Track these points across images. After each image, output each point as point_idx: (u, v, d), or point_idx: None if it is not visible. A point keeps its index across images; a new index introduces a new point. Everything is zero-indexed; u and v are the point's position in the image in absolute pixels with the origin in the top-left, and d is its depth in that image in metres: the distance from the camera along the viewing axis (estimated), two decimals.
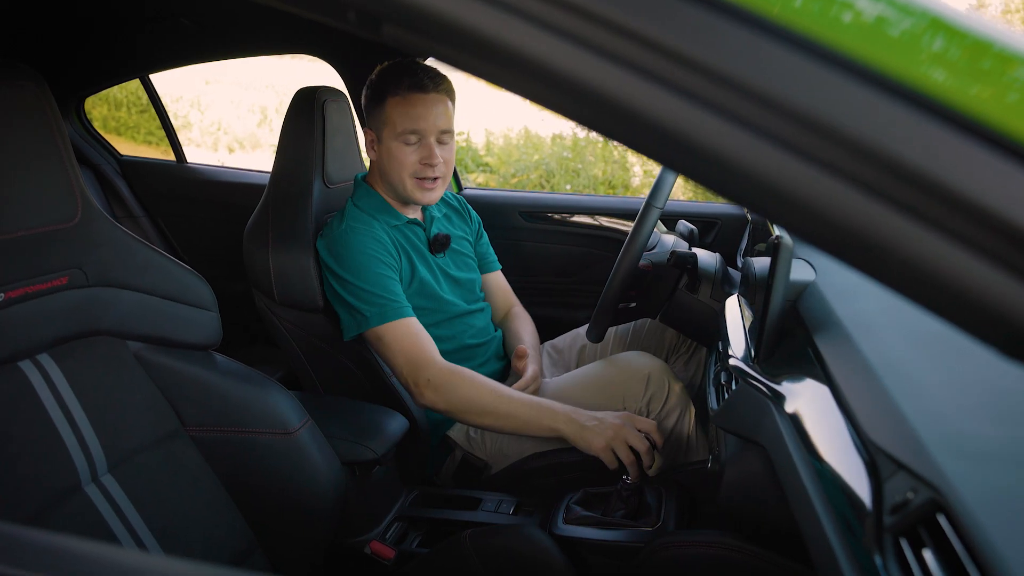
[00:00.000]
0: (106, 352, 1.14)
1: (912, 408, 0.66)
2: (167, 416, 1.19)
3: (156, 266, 1.19)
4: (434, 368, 1.50)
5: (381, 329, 1.52)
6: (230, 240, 2.46)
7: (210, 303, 1.26)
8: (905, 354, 0.77)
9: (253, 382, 1.26)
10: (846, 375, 0.78)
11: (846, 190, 0.41)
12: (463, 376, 1.51)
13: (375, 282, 1.53)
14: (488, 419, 1.49)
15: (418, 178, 1.60)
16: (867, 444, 0.69)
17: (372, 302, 1.52)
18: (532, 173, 6.83)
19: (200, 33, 2.04)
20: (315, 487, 1.26)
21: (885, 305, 0.92)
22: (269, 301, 1.62)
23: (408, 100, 1.56)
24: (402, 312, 1.54)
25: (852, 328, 0.86)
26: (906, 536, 0.58)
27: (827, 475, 0.74)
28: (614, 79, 0.42)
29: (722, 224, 2.18)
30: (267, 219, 1.62)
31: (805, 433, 0.82)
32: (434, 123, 1.57)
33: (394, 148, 1.59)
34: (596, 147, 7.17)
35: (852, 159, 0.40)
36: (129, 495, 1.10)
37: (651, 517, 1.34)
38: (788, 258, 1.00)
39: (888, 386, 0.71)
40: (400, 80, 1.57)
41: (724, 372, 1.20)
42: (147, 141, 7.28)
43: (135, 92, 7.47)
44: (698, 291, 1.60)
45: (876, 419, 0.68)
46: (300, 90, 1.67)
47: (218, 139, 8.14)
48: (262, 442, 1.22)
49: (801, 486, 0.76)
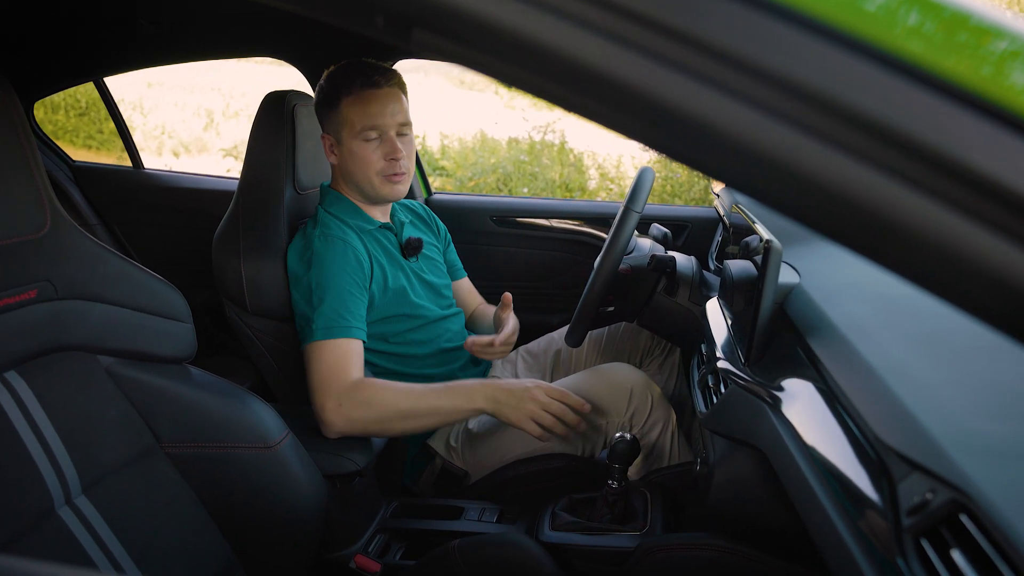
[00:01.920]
0: (77, 368, 1.10)
1: (920, 408, 0.67)
2: (142, 433, 1.15)
3: (128, 277, 1.15)
4: (343, 390, 1.41)
5: (319, 344, 1.45)
6: (191, 248, 2.40)
7: (184, 314, 1.22)
8: (904, 355, 0.78)
9: (231, 395, 1.22)
10: (847, 376, 0.79)
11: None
12: (373, 388, 1.43)
13: (336, 296, 1.48)
14: (412, 422, 1.44)
15: (385, 175, 1.58)
16: (875, 445, 0.69)
17: (324, 315, 1.46)
18: (489, 177, 6.82)
19: (160, 35, 1.98)
20: (297, 501, 1.23)
21: (876, 307, 0.94)
22: (241, 311, 1.58)
23: (363, 98, 1.55)
24: (348, 333, 1.46)
25: (846, 330, 0.87)
26: (927, 537, 0.58)
27: (834, 477, 0.75)
28: (690, 93, 0.41)
29: (692, 227, 2.20)
30: (237, 227, 1.58)
31: (806, 435, 0.82)
32: (392, 117, 1.56)
33: (356, 148, 1.57)
34: (552, 151, 7.21)
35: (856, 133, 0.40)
36: (105, 517, 1.06)
37: (638, 521, 1.34)
38: (778, 261, 1.01)
39: (892, 386, 0.72)
40: (352, 80, 1.56)
41: (711, 375, 1.21)
42: (87, 145, 7.10)
43: (72, 95, 7.26)
44: (676, 294, 1.61)
45: (885, 420, 0.69)
46: (269, 94, 1.63)
47: (162, 143, 7.99)
48: (242, 457, 1.19)
49: (808, 489, 0.77)
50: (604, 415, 1.54)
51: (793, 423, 0.86)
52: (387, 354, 1.66)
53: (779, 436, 0.88)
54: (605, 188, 6.96)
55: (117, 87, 2.51)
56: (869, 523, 0.67)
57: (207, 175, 2.62)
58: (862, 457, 0.72)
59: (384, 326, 1.63)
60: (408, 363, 1.68)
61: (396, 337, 1.66)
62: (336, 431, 1.40)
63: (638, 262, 1.63)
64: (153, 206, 2.51)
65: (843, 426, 0.78)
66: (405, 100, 1.62)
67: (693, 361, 1.42)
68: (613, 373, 1.59)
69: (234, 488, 1.19)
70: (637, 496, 1.41)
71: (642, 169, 1.58)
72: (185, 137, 8.22)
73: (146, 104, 8.60)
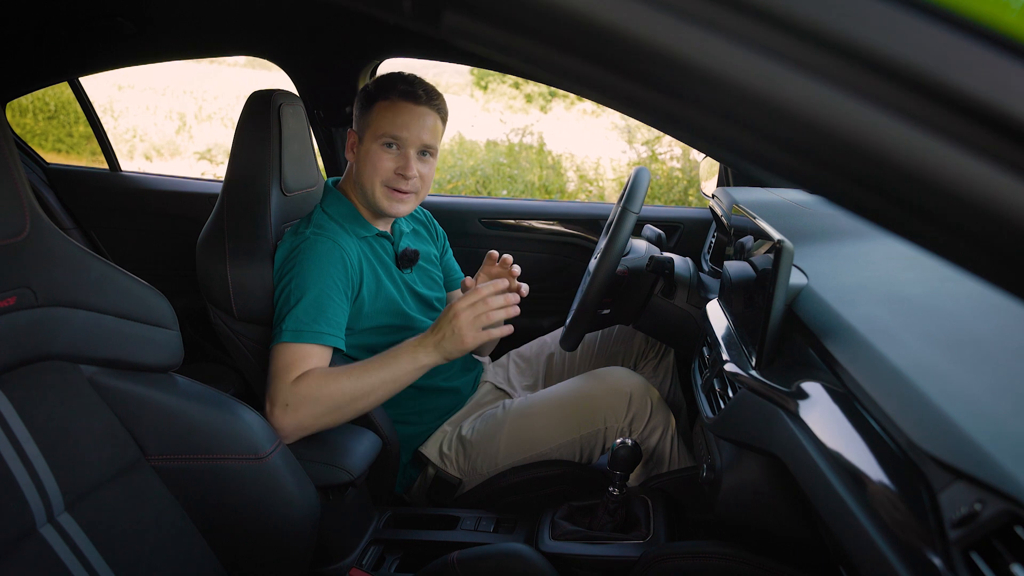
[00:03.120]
0: (58, 378, 1.04)
1: (959, 413, 0.64)
2: (127, 446, 1.10)
3: (112, 282, 1.10)
4: (287, 387, 1.35)
5: (283, 347, 1.39)
6: (170, 252, 2.34)
7: (170, 321, 1.16)
8: (933, 358, 0.76)
9: (219, 404, 1.18)
10: (872, 380, 0.76)
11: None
12: (314, 379, 1.36)
13: (314, 298, 1.42)
14: (363, 402, 1.38)
15: (389, 187, 1.53)
16: (910, 451, 0.67)
17: (296, 316, 1.41)
18: (468, 179, 6.81)
19: (141, 34, 1.91)
20: (289, 514, 1.19)
21: (895, 309, 0.92)
22: (227, 317, 1.53)
23: (396, 106, 1.50)
24: (319, 339, 1.40)
25: (867, 332, 0.84)
26: (977, 550, 0.55)
27: (863, 485, 0.72)
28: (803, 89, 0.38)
29: (684, 228, 2.18)
30: (223, 231, 1.53)
31: (829, 441, 0.80)
32: (417, 135, 1.51)
33: (372, 151, 1.52)
34: (531, 153, 7.21)
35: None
36: (89, 534, 1.01)
37: (641, 529, 1.31)
38: (789, 262, 0.98)
39: (925, 391, 0.69)
40: (394, 85, 1.51)
41: (717, 379, 1.18)
42: (56, 149, 6.99)
43: (41, 97, 7.15)
44: (674, 296, 1.58)
45: (920, 425, 0.66)
46: (254, 93, 1.58)
47: (134, 146, 7.91)
48: (231, 468, 1.14)
49: (836, 497, 0.74)
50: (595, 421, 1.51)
51: (813, 428, 0.83)
52: None
53: (798, 442, 0.85)
54: (584, 190, 6.99)
55: (86, 90, 2.44)
56: (907, 533, 0.64)
57: (186, 177, 2.56)
58: (894, 464, 0.69)
59: (372, 337, 1.58)
60: None
61: (385, 348, 1.61)
62: (288, 436, 1.34)
63: (635, 264, 1.60)
64: (130, 209, 2.44)
65: (869, 432, 0.75)
66: (440, 125, 1.57)
67: (694, 364, 1.39)
68: (611, 377, 1.56)
69: (224, 501, 1.14)
70: (638, 503, 1.38)
71: (637, 169, 1.56)
72: (157, 141, 8.15)
73: (116, 107, 8.50)
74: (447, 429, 1.66)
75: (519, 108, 8.23)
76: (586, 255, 2.23)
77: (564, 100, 8.40)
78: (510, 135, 7.17)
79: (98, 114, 2.47)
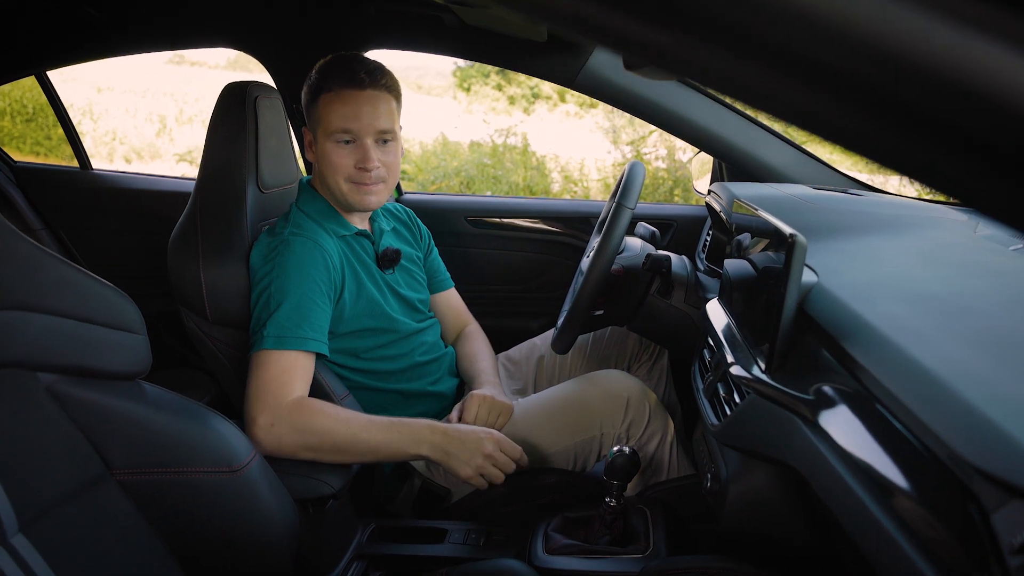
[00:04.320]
0: (12, 388, 0.96)
1: (1011, 423, 0.58)
2: (89, 460, 1.02)
3: (72, 284, 1.02)
4: (279, 408, 1.28)
5: (266, 354, 1.31)
6: (144, 253, 2.26)
7: (136, 324, 1.09)
8: (973, 361, 0.69)
9: (190, 414, 1.10)
10: (905, 386, 0.70)
11: None
12: (311, 412, 1.29)
13: (295, 302, 1.35)
14: (346, 457, 1.31)
15: (353, 182, 1.46)
16: (953, 465, 0.60)
17: (278, 322, 1.33)
18: (452, 180, 6.78)
19: (109, 24, 1.82)
20: (266, 530, 1.12)
21: (919, 307, 0.85)
22: (201, 320, 1.45)
23: (340, 97, 1.42)
24: (302, 344, 1.33)
25: (892, 333, 0.78)
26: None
27: (896, 500, 0.65)
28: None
29: (678, 225, 2.12)
30: (196, 230, 1.45)
31: (855, 452, 0.73)
32: (370, 122, 1.42)
33: (328, 150, 1.45)
34: (515, 154, 7.19)
35: None
36: (46, 557, 0.92)
37: (639, 542, 1.24)
38: (802, 258, 0.92)
39: (969, 398, 0.62)
40: (333, 75, 1.43)
41: (721, 383, 1.11)
42: (34, 152, 6.89)
43: (19, 100, 7.04)
44: (671, 296, 1.51)
45: (968, 437, 0.60)
46: (229, 85, 1.50)
47: (113, 149, 7.83)
48: (204, 482, 1.07)
49: (865, 512, 0.67)
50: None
51: (835, 437, 0.77)
52: (358, 370, 1.54)
53: (818, 452, 0.79)
54: (569, 191, 6.98)
55: (65, 92, 2.35)
56: (951, 554, 0.58)
57: (160, 175, 2.47)
58: (933, 478, 0.63)
59: (355, 340, 1.51)
60: (381, 378, 1.56)
61: (368, 353, 1.54)
62: (263, 451, 1.25)
63: (631, 262, 1.54)
64: (102, 209, 2.35)
65: (901, 442, 0.69)
66: (394, 105, 1.47)
67: (694, 368, 1.32)
68: (607, 381, 1.49)
69: (195, 518, 1.07)
70: (636, 514, 1.31)
71: (632, 163, 1.50)
72: (137, 143, 8.11)
73: (96, 109, 8.42)
74: None
75: (502, 110, 8.23)
76: (576, 254, 2.16)
77: (547, 102, 8.39)
78: (494, 136, 7.14)
79: (78, 116, 2.38)
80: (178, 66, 11.29)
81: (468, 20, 1.67)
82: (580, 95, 8.30)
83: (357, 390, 1.51)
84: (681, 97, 1.84)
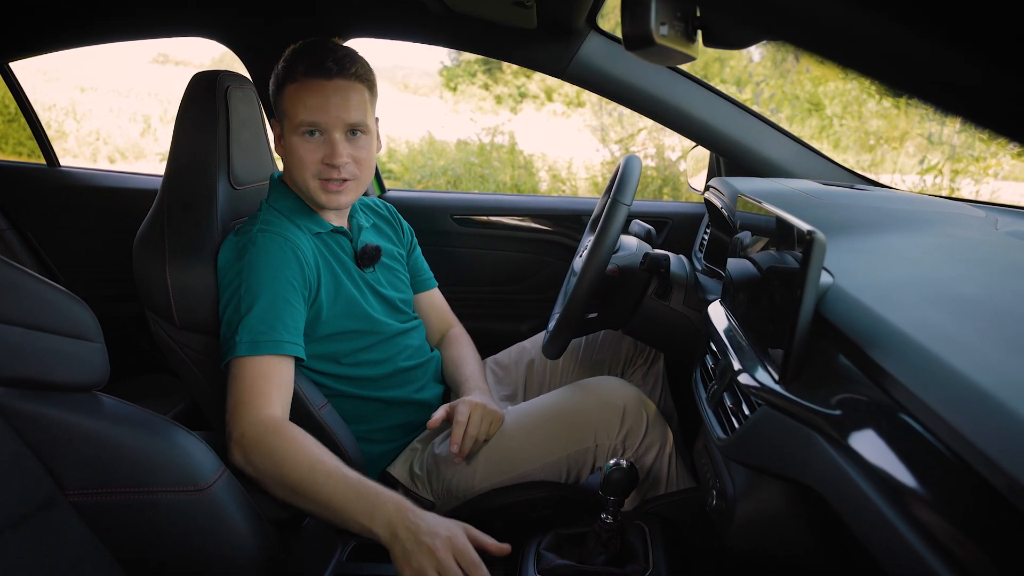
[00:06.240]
0: None
1: None
2: (39, 480, 0.93)
3: (18, 288, 0.93)
4: (254, 423, 1.18)
5: (241, 362, 1.23)
6: (116, 254, 2.16)
7: (93, 332, 0.99)
8: (1023, 372, 0.62)
9: (152, 428, 1.01)
10: (945, 401, 0.62)
11: None
12: (282, 439, 1.16)
13: (268, 304, 1.26)
14: (295, 500, 1.15)
15: (321, 178, 1.37)
16: (1010, 493, 0.52)
17: (250, 326, 1.24)
18: (439, 179, 6.73)
19: (76, 11, 1.73)
20: (236, 553, 1.03)
21: (953, 310, 0.77)
22: (168, 325, 1.36)
23: (306, 87, 1.33)
24: (278, 348, 1.24)
25: (926, 340, 0.70)
26: None
27: (938, 529, 0.58)
28: None
29: (673, 223, 2.04)
30: (162, 228, 1.35)
31: (888, 472, 0.65)
32: (337, 115, 1.33)
33: (294, 144, 1.36)
34: (502, 152, 7.15)
35: None
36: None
37: (639, 561, 1.16)
38: (821, 256, 0.84)
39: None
40: (299, 63, 1.33)
41: (727, 392, 1.03)
42: (17, 152, 6.81)
43: (2, 100, 6.91)
44: (669, 298, 1.43)
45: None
46: (197, 74, 1.41)
47: (97, 149, 7.76)
48: (166, 503, 0.98)
49: (899, 539, 0.60)
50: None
51: (865, 457, 0.69)
52: (339, 377, 1.44)
53: (843, 473, 0.71)
54: (557, 189, 6.94)
55: (48, 92, 2.25)
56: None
57: (132, 173, 2.37)
58: (977, 504, 0.55)
59: (334, 344, 1.42)
60: (362, 385, 1.47)
61: (348, 357, 1.45)
62: (235, 464, 1.16)
63: (627, 262, 1.46)
64: (71, 208, 2.25)
65: (939, 461, 0.61)
66: (366, 96, 1.38)
67: (695, 375, 1.24)
68: (602, 389, 1.41)
69: (158, 542, 0.98)
70: (633, 530, 1.23)
71: (627, 157, 1.41)
72: (121, 143, 8.04)
73: (79, 109, 8.32)
74: (418, 447, 1.50)
75: (489, 109, 8.21)
76: (568, 253, 2.08)
77: (534, 101, 8.35)
78: (481, 135, 7.09)
79: (61, 116, 2.29)
80: (163, 65, 11.17)
81: (454, 7, 1.59)
82: (567, 94, 8.26)
83: (336, 398, 1.43)
84: (677, 88, 1.76)
